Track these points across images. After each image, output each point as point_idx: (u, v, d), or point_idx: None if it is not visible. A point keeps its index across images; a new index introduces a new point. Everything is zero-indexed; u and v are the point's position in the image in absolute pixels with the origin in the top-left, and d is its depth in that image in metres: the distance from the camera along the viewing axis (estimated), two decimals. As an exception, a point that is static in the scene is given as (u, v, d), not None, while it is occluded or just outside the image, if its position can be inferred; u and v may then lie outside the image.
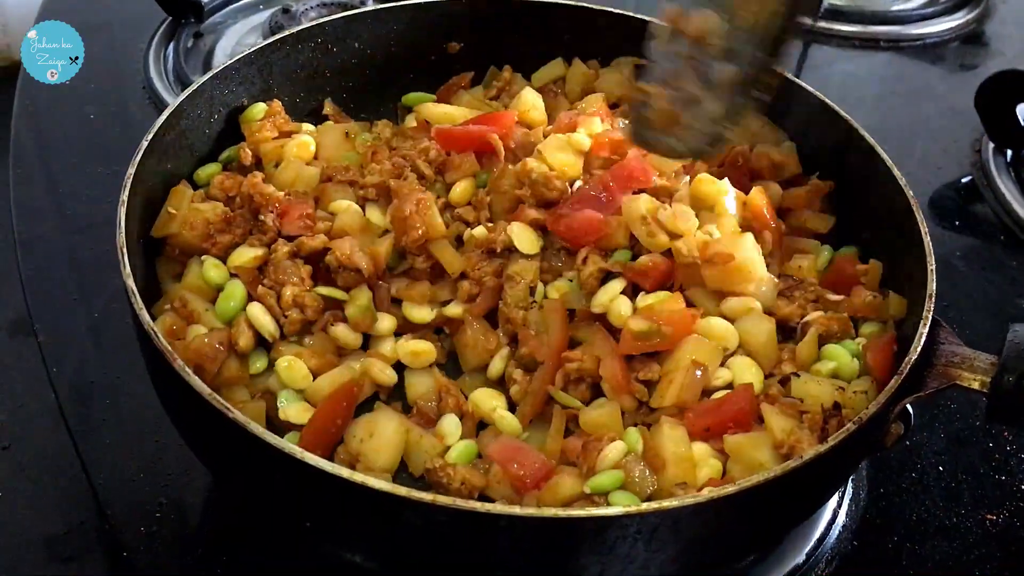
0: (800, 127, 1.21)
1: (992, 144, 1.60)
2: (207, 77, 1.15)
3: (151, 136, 1.04)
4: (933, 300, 0.93)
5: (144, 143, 1.03)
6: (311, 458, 0.76)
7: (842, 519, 1.09)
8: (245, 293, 1.04)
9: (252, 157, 1.18)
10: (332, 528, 0.85)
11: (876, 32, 1.93)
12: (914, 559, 1.06)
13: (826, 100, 1.18)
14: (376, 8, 1.31)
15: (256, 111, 1.20)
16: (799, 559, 1.05)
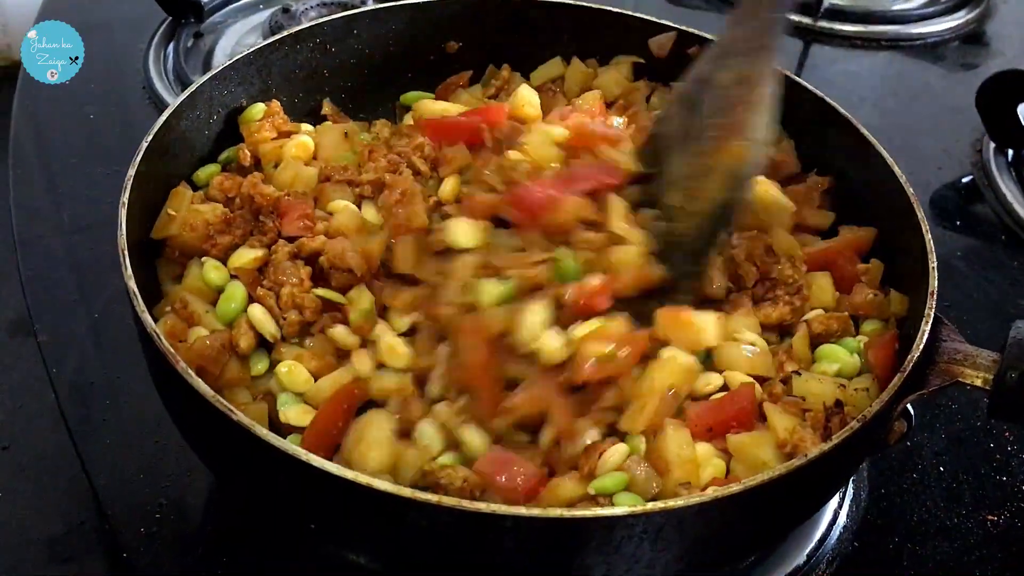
0: (801, 127, 1.21)
1: (993, 144, 1.61)
2: (206, 78, 1.14)
3: (151, 137, 1.03)
4: (935, 297, 0.93)
5: (144, 144, 1.02)
6: (316, 460, 0.76)
7: (843, 520, 1.09)
8: (246, 294, 1.03)
9: (251, 158, 1.17)
10: (337, 529, 0.85)
11: (877, 32, 1.94)
12: (915, 560, 1.06)
13: (827, 99, 1.18)
14: (375, 8, 1.31)
15: (255, 111, 1.19)
16: (800, 560, 1.05)
